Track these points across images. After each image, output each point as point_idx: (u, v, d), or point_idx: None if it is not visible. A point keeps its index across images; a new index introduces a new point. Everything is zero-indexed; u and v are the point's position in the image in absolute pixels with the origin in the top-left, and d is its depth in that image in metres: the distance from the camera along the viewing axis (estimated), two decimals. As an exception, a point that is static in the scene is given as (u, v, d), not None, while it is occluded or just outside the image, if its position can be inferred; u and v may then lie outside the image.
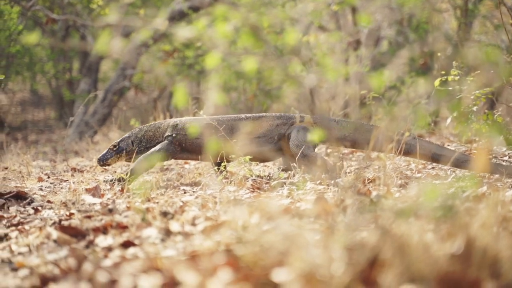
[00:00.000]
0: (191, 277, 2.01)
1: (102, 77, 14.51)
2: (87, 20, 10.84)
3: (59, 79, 12.76)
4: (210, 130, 5.07)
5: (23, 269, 2.72)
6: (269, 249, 2.04)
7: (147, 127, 5.32)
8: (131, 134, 5.31)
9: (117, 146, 5.27)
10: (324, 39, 10.17)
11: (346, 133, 5.09)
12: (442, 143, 6.70)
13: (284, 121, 5.14)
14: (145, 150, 5.24)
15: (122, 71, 11.08)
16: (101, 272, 2.17)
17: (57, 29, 12.21)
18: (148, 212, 3.51)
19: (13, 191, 4.46)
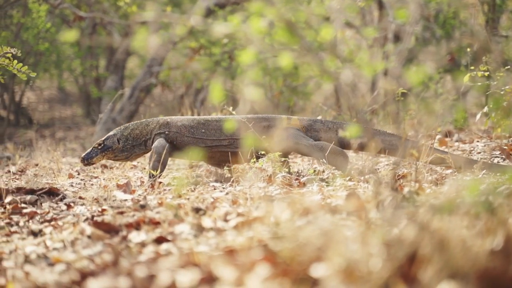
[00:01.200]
0: (229, 272, 2.02)
1: (128, 74, 14.58)
2: (114, 17, 10.89)
3: (86, 77, 12.84)
4: (196, 130, 5.16)
5: (59, 264, 2.74)
6: (306, 245, 2.05)
7: (134, 125, 5.28)
8: (117, 132, 5.26)
9: (102, 144, 5.21)
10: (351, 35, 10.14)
11: (332, 134, 5.16)
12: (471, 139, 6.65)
13: (272, 123, 5.19)
14: (131, 148, 5.21)
15: (149, 68, 11.13)
16: (140, 267, 2.19)
17: (84, 26, 12.29)
18: (179, 208, 3.53)
19: (45, 188, 4.50)
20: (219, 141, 5.15)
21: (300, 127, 5.16)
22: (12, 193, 4.37)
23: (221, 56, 10.30)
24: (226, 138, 5.15)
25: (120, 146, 5.18)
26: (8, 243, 3.25)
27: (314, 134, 5.17)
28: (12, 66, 4.65)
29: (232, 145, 5.15)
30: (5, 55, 4.64)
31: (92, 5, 10.78)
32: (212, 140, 5.15)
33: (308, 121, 5.21)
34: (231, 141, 5.14)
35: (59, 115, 14.96)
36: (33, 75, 4.73)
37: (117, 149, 5.19)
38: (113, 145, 5.18)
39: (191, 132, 5.14)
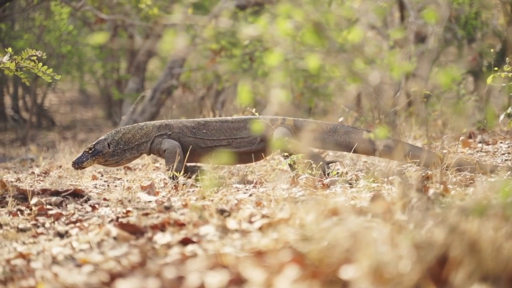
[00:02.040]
0: (258, 274, 2.02)
1: (149, 76, 14.64)
2: (135, 19, 10.95)
3: (107, 79, 12.91)
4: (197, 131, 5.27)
5: (86, 265, 2.76)
6: (334, 246, 2.04)
7: (125, 129, 5.30)
8: (108, 136, 5.27)
9: (92, 148, 5.21)
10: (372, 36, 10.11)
11: (326, 135, 5.25)
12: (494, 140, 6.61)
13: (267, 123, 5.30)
14: (122, 152, 5.22)
15: (170, 70, 11.17)
16: (168, 269, 2.20)
17: (106, 28, 12.35)
18: (204, 209, 3.53)
19: (70, 189, 4.53)
20: (219, 141, 5.24)
21: (292, 127, 5.29)
22: (37, 194, 4.41)
23: (242, 58, 10.31)
24: (225, 138, 5.24)
25: (110, 151, 5.19)
26: (35, 244, 3.27)
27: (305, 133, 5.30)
28: (37, 69, 4.69)
29: (230, 145, 5.26)
30: (30, 58, 4.67)
31: (113, 7, 10.84)
32: (212, 140, 5.24)
33: (302, 122, 5.34)
34: (229, 141, 5.23)
35: (80, 117, 15.06)
36: (58, 78, 4.76)
37: (107, 154, 5.20)
38: (103, 150, 5.19)
39: (193, 133, 5.25)
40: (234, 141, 5.25)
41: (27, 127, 11.67)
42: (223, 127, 5.27)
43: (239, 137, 5.25)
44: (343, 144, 5.25)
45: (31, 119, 12.20)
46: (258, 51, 10.29)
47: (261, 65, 10.17)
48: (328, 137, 5.25)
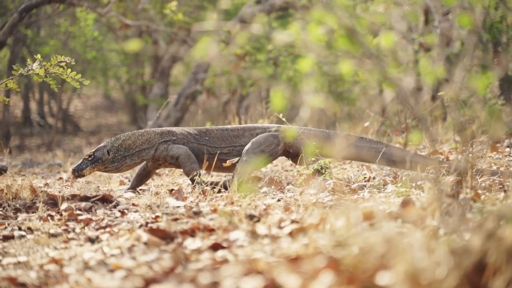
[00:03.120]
0: (293, 280, 2.02)
1: (173, 81, 14.70)
2: (160, 25, 11.00)
3: (132, 84, 12.98)
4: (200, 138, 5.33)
5: (119, 270, 2.77)
6: (369, 252, 2.04)
7: (125, 136, 5.31)
8: (107, 144, 5.28)
9: (92, 156, 5.22)
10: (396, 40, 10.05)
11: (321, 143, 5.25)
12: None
13: (263, 130, 5.39)
14: (122, 159, 5.23)
15: (194, 75, 11.21)
16: (203, 274, 2.20)
17: (130, 34, 12.42)
18: (233, 215, 3.54)
19: (99, 195, 4.56)
20: (221, 149, 5.30)
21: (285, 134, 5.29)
22: (67, 200, 4.44)
23: (266, 63, 10.33)
24: (226, 146, 5.30)
25: (110, 158, 5.20)
26: (66, 249, 3.29)
27: (300, 141, 5.29)
28: (66, 75, 4.73)
29: (231, 153, 5.30)
30: (59, 64, 4.71)
31: (138, 13, 10.90)
32: (214, 147, 5.30)
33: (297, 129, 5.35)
34: (230, 149, 5.30)
35: (105, 122, 15.15)
36: (86, 83, 4.80)
37: (107, 161, 5.21)
38: (103, 157, 5.19)
39: (196, 139, 5.29)
40: (234, 149, 5.31)
41: (53, 133, 11.76)
42: (224, 135, 5.33)
43: (239, 144, 5.31)
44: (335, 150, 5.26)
45: (56, 124, 12.29)
46: (283, 56, 10.29)
47: (286, 70, 10.18)
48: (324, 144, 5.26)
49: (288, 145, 5.30)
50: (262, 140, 5.23)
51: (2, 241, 3.51)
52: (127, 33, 12.33)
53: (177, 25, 10.54)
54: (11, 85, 4.73)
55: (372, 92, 11.69)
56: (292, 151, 5.34)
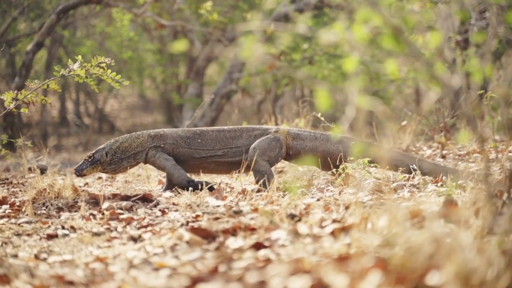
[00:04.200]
0: (340, 280, 2.02)
1: (207, 81, 14.76)
2: (195, 25, 11.05)
3: (167, 84, 13.06)
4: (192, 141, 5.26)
5: (163, 269, 2.79)
6: (417, 252, 2.03)
7: (123, 139, 5.33)
8: (106, 146, 5.31)
9: (92, 157, 5.25)
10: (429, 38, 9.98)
11: (318, 143, 5.25)
12: None
13: (262, 132, 5.31)
14: (119, 161, 5.25)
15: (229, 75, 11.24)
16: (250, 273, 2.21)
17: (165, 34, 12.49)
18: (274, 214, 3.54)
19: (139, 194, 4.60)
20: (214, 151, 5.24)
21: (286, 135, 5.27)
22: (108, 199, 4.48)
23: (301, 62, 10.32)
24: (221, 148, 5.24)
25: (108, 160, 5.24)
26: (110, 248, 3.33)
27: (300, 142, 5.28)
28: (106, 75, 4.78)
29: (226, 155, 5.24)
30: (99, 65, 4.76)
31: (173, 13, 10.96)
32: (207, 150, 5.24)
33: (296, 131, 5.33)
34: (225, 151, 5.24)
35: (140, 122, 15.25)
36: (126, 83, 4.84)
37: (105, 162, 5.25)
38: (101, 158, 5.23)
39: (187, 143, 5.23)
40: (230, 150, 5.25)
41: (90, 132, 11.89)
42: (219, 136, 5.27)
43: (235, 146, 5.25)
44: (335, 153, 5.24)
45: (93, 124, 12.41)
46: (318, 55, 10.28)
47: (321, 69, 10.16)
48: (321, 145, 5.26)
49: (288, 147, 5.27)
50: (265, 145, 5.15)
51: (46, 239, 3.56)
52: (162, 33, 12.40)
53: (212, 25, 10.58)
54: (52, 86, 4.79)
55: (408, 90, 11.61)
56: (292, 153, 5.31)
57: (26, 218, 4.05)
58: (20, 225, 3.88)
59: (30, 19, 11.37)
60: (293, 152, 5.28)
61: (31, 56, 9.82)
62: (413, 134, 7.30)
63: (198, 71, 12.00)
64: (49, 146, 9.29)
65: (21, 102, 4.74)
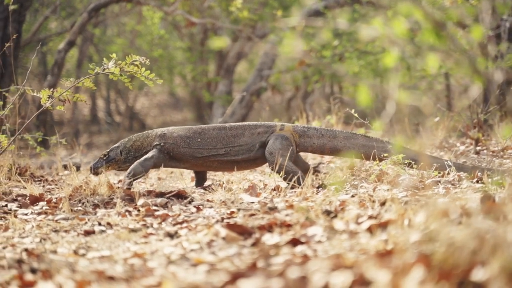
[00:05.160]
0: (383, 275, 2.01)
1: (236, 79, 14.79)
2: (225, 22, 11.06)
3: (197, 81, 13.10)
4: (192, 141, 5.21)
5: (202, 265, 2.81)
6: (461, 248, 2.02)
7: (136, 137, 5.36)
8: (120, 144, 5.35)
9: (106, 155, 5.30)
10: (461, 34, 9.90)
11: (325, 140, 5.20)
12: None
13: (266, 129, 5.23)
14: (133, 159, 5.27)
15: (259, 72, 11.25)
16: (291, 269, 2.21)
17: (195, 32, 12.53)
18: (309, 210, 3.54)
19: (174, 191, 4.62)
20: (216, 150, 5.19)
21: (292, 133, 5.20)
22: (143, 196, 4.51)
23: (332, 59, 10.29)
24: (223, 147, 5.18)
25: (122, 158, 5.27)
26: (147, 244, 3.35)
27: (307, 140, 5.22)
28: (140, 73, 4.80)
29: (229, 154, 5.18)
30: (133, 63, 4.79)
31: (203, 11, 10.99)
32: (208, 149, 5.19)
33: (301, 128, 5.26)
34: (227, 149, 5.18)
35: (170, 120, 15.31)
36: (160, 82, 4.87)
37: (120, 161, 5.28)
38: (116, 157, 5.28)
39: (187, 143, 5.19)
40: (232, 149, 5.19)
41: (120, 130, 11.97)
42: (221, 135, 5.20)
43: (237, 144, 5.19)
44: (342, 149, 5.21)
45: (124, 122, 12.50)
46: (348, 52, 10.25)
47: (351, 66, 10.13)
48: (328, 142, 5.22)
49: (296, 145, 5.22)
50: (279, 146, 5.05)
51: (84, 235, 3.60)
52: (192, 31, 12.44)
53: (242, 22, 10.58)
54: (87, 84, 4.83)
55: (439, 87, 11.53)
56: (299, 151, 5.28)
57: (63, 214, 4.10)
58: (58, 222, 3.92)
59: (62, 18, 11.47)
60: (300, 149, 5.25)
61: (63, 55, 9.90)
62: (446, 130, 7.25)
63: (228, 69, 12.02)
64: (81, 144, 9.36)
65: (57, 99, 4.78)
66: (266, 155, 5.08)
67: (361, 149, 5.18)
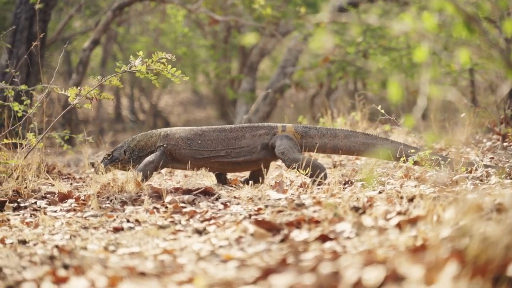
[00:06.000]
0: (416, 271, 2.01)
1: (259, 76, 14.79)
2: (248, 20, 11.07)
3: (221, 79, 13.12)
4: (192, 142, 5.22)
5: (231, 261, 2.82)
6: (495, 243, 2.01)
7: (140, 137, 5.37)
8: (124, 144, 5.37)
9: (110, 155, 5.34)
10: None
11: (327, 140, 5.24)
12: None
13: (267, 131, 5.23)
14: (137, 159, 5.30)
15: (282, 69, 11.24)
16: (324, 264, 2.21)
17: (219, 30, 12.55)
18: (337, 206, 3.54)
19: (201, 188, 4.64)
20: (216, 152, 5.19)
21: (294, 134, 5.22)
22: (170, 193, 4.53)
23: (356, 55, 10.26)
24: (223, 148, 5.18)
25: (126, 158, 5.31)
26: (175, 240, 3.36)
27: (309, 140, 5.25)
28: (166, 71, 4.82)
29: (229, 155, 5.19)
30: (160, 60, 4.81)
31: (227, 8, 11.00)
32: (209, 151, 5.19)
33: (303, 128, 5.28)
34: (228, 151, 5.18)
35: (193, 117, 15.35)
36: (186, 79, 4.88)
37: (124, 160, 5.32)
38: (120, 157, 5.31)
39: (188, 145, 5.19)
40: (233, 151, 5.19)
41: (145, 128, 12.01)
42: (221, 137, 5.20)
43: (238, 146, 5.19)
44: (343, 148, 5.25)
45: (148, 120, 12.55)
46: (372, 48, 10.21)
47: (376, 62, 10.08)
48: (329, 141, 5.24)
49: (299, 145, 5.24)
50: (288, 145, 5.10)
51: (113, 232, 3.62)
52: (216, 29, 12.46)
53: (265, 20, 10.58)
54: (114, 82, 4.86)
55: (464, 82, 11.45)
56: (301, 150, 5.29)
57: (91, 211, 4.13)
58: (87, 219, 3.95)
59: (86, 16, 11.54)
60: (302, 150, 5.27)
61: (88, 53, 9.97)
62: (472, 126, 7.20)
63: (252, 66, 12.02)
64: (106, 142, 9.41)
65: (84, 97, 4.81)
66: (278, 155, 5.10)
67: (361, 147, 5.22)
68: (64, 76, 13.15)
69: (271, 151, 5.19)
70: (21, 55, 8.16)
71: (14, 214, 4.26)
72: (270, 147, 5.18)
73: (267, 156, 5.22)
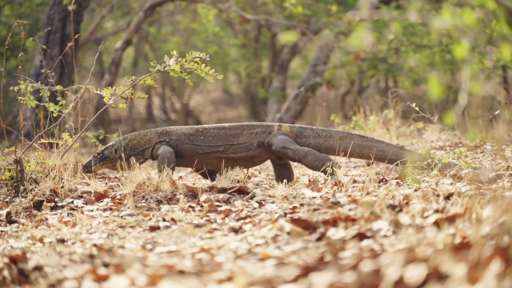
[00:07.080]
0: (459, 269, 1.99)
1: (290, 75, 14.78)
2: (279, 18, 11.07)
3: (251, 78, 13.14)
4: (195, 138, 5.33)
5: (269, 259, 2.82)
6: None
7: (131, 136, 5.43)
8: (115, 143, 5.41)
9: (101, 154, 5.35)
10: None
11: (321, 140, 5.31)
12: None
13: (263, 129, 5.35)
14: (128, 158, 5.34)
15: (313, 68, 11.22)
16: (365, 262, 2.20)
17: (250, 29, 12.56)
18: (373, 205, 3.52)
19: (235, 186, 4.65)
20: (216, 147, 5.31)
21: (289, 133, 5.32)
22: (205, 192, 4.55)
23: (387, 53, 10.20)
24: (222, 144, 5.31)
25: (117, 156, 5.35)
26: (212, 239, 3.37)
27: (303, 140, 5.32)
28: (200, 70, 4.84)
29: (227, 151, 5.31)
30: (194, 60, 4.83)
31: (257, 7, 11.01)
32: (209, 146, 5.31)
33: (298, 128, 5.37)
34: (226, 147, 5.31)
35: (224, 116, 15.38)
36: (220, 77, 4.89)
37: (115, 159, 5.35)
38: (111, 155, 5.35)
39: (191, 140, 5.32)
40: (231, 147, 5.32)
41: (176, 128, 12.05)
42: (220, 134, 5.34)
43: (236, 143, 5.32)
44: (338, 149, 5.30)
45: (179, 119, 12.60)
46: (404, 46, 10.14)
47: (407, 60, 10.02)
48: (324, 142, 5.31)
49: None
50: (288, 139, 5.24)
51: (149, 231, 3.64)
52: (246, 28, 12.47)
53: (296, 18, 10.57)
54: (149, 82, 4.89)
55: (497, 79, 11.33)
56: None
57: (128, 211, 4.16)
58: (123, 218, 3.98)
59: (117, 17, 11.62)
60: None
61: (120, 53, 10.04)
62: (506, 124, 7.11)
63: (283, 65, 12.02)
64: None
65: (119, 97, 4.85)
66: (280, 150, 5.20)
67: (356, 149, 5.30)
68: (96, 76, 13.26)
69: (266, 149, 5.28)
70: (54, 56, 8.27)
71: (51, 213, 4.31)
72: (265, 145, 5.28)
73: (262, 154, 5.33)
